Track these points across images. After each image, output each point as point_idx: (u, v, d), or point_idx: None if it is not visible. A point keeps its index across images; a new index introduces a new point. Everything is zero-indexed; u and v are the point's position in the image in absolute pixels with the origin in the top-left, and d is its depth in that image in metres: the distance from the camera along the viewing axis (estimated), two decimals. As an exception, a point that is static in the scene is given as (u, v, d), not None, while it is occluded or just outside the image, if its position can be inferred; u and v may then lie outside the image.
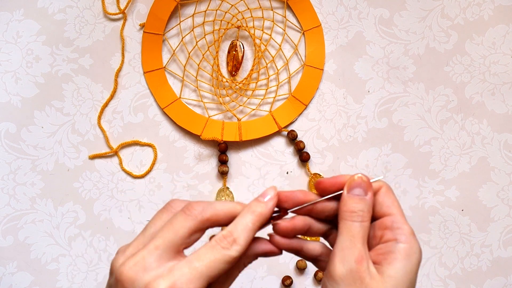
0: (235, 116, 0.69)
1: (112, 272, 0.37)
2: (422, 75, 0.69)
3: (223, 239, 0.37)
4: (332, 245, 0.43)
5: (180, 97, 0.69)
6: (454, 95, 0.69)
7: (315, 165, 0.69)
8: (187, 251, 0.39)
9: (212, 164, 0.70)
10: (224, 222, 0.39)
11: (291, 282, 0.68)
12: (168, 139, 0.69)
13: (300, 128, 0.69)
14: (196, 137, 0.69)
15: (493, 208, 0.69)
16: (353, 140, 0.69)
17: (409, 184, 0.69)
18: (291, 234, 0.42)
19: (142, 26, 0.69)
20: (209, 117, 0.69)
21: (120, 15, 0.69)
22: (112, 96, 0.69)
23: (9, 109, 0.68)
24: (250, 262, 0.41)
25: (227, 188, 0.69)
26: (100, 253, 0.69)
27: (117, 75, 0.69)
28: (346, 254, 0.39)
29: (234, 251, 0.37)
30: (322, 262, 0.43)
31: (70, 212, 0.69)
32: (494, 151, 0.69)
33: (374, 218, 0.42)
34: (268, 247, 0.40)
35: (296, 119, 0.69)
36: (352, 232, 0.39)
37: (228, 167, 0.69)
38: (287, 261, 0.69)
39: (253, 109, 0.69)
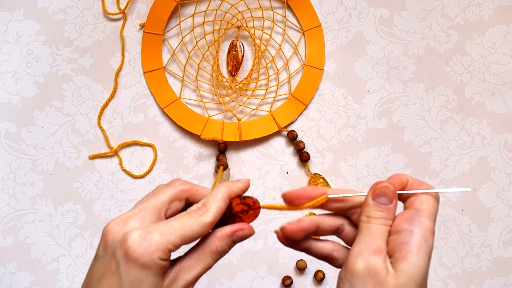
0: (235, 116, 0.69)
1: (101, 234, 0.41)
2: (422, 75, 0.69)
3: (197, 209, 0.41)
4: (346, 241, 0.45)
5: (180, 97, 0.69)
6: (454, 95, 0.69)
7: (315, 165, 0.69)
8: None
9: (212, 164, 0.70)
10: (201, 198, 0.43)
11: (291, 282, 0.68)
12: (168, 139, 0.69)
13: (300, 128, 0.69)
14: (196, 137, 0.69)
15: (493, 208, 0.69)
16: (353, 140, 0.69)
17: (409, 184, 0.69)
18: (299, 235, 0.43)
19: (142, 26, 0.69)
20: (209, 117, 0.69)
21: (120, 15, 0.69)
22: (112, 96, 0.69)
23: (9, 109, 0.68)
24: (224, 248, 0.42)
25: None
26: (100, 253, 0.69)
27: (117, 75, 0.69)
28: (364, 248, 0.40)
29: (208, 216, 0.41)
30: (335, 259, 0.44)
31: (70, 212, 0.69)
32: (494, 151, 0.69)
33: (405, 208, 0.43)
34: (236, 226, 0.42)
35: (296, 119, 0.69)
36: (372, 230, 0.41)
37: (228, 167, 0.69)
38: (287, 261, 0.69)
39: (253, 109, 0.69)
